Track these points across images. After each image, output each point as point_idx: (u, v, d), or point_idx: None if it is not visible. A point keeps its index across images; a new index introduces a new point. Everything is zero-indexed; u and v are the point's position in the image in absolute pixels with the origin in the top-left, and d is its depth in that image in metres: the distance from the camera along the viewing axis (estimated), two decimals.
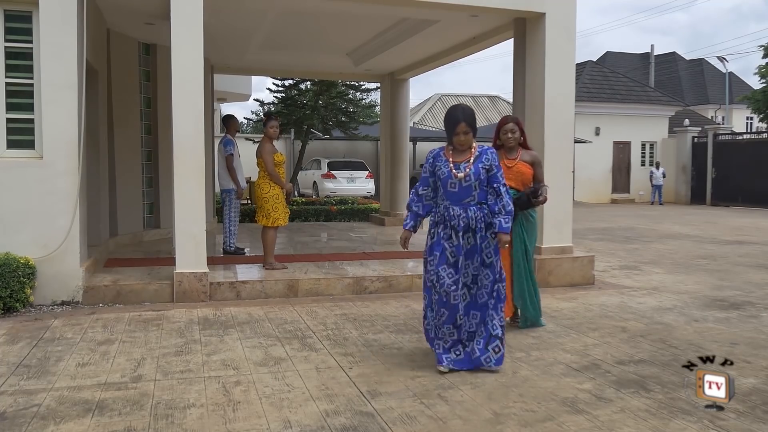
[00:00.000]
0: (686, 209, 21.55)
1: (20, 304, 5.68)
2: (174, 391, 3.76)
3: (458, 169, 4.13)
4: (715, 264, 9.00)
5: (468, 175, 4.11)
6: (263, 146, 7.13)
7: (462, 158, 4.16)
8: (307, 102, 19.30)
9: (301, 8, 7.94)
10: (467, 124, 4.14)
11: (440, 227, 4.19)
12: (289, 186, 7.26)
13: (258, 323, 5.43)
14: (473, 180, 4.12)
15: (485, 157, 4.17)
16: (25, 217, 5.97)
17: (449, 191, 4.16)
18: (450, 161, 4.17)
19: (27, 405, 3.53)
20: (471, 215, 4.13)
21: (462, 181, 4.11)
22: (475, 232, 4.15)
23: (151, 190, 9.83)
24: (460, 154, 4.19)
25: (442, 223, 4.19)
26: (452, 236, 4.14)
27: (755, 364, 4.37)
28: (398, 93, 13.06)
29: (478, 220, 4.15)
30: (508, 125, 5.22)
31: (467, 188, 4.13)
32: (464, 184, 4.12)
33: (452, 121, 4.17)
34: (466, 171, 4.11)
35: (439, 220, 4.20)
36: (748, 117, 37.95)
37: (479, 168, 4.13)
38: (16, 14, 6.12)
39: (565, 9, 7.35)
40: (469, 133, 4.15)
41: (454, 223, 4.13)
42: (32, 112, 6.14)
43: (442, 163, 4.19)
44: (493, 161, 4.18)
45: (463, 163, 4.14)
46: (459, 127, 4.13)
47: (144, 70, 9.70)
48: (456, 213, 4.14)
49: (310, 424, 3.30)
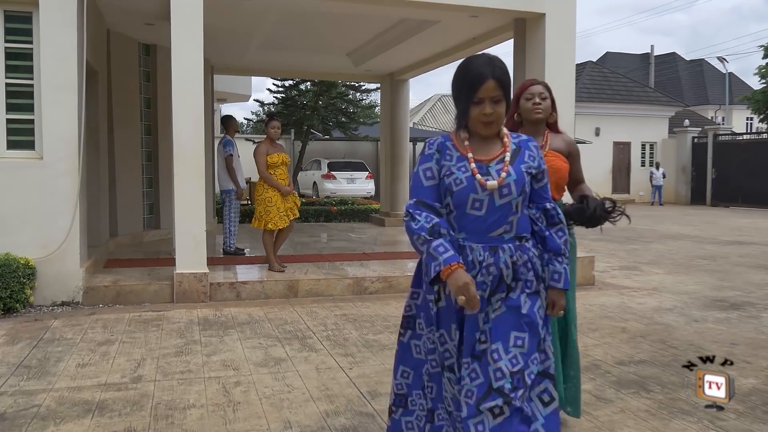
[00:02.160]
0: (686, 209, 21.55)
1: (20, 305, 5.68)
2: (174, 392, 3.76)
3: (486, 173, 2.25)
4: (715, 264, 9.00)
5: (506, 183, 2.23)
6: (257, 147, 7.11)
7: (491, 154, 2.29)
8: (307, 102, 19.32)
9: (301, 8, 7.94)
10: (499, 84, 2.22)
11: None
12: (286, 189, 6.99)
13: (258, 324, 5.43)
14: (515, 194, 2.24)
15: (528, 152, 2.34)
16: (26, 218, 5.97)
17: (469, 214, 2.26)
18: (470, 158, 2.27)
19: (27, 405, 3.53)
20: (505, 260, 2.25)
21: (496, 195, 2.23)
22: (513, 290, 2.26)
23: (151, 190, 9.83)
24: (486, 146, 2.31)
25: None
26: None
27: (755, 364, 4.37)
28: (398, 93, 13.07)
29: (521, 267, 2.27)
30: (535, 87, 3.17)
31: (503, 209, 2.25)
32: (499, 201, 2.23)
33: (472, 78, 2.22)
34: (502, 176, 2.23)
35: None
36: (748, 117, 37.95)
37: (522, 172, 2.28)
38: (16, 15, 6.13)
39: (565, 9, 7.36)
40: (502, 103, 2.24)
41: (473, 275, 2.22)
42: (32, 112, 6.15)
43: (453, 160, 2.29)
44: (541, 160, 2.37)
45: (495, 162, 2.28)
46: (486, 88, 2.20)
47: (144, 71, 9.71)
48: (477, 257, 2.24)
49: (311, 425, 3.30)
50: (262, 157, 6.95)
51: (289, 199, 7.06)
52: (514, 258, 2.26)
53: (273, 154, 6.99)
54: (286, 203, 7.02)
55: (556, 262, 2.35)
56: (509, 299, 2.24)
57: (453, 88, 2.32)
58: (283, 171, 7.07)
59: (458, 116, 2.34)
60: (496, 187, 2.23)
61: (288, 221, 7.02)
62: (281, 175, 7.02)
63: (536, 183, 2.36)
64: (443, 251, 2.15)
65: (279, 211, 6.93)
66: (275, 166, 6.98)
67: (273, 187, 6.93)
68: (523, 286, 2.26)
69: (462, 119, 2.32)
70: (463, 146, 2.31)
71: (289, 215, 7.04)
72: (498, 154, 2.30)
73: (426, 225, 2.20)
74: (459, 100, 2.30)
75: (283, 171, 7.07)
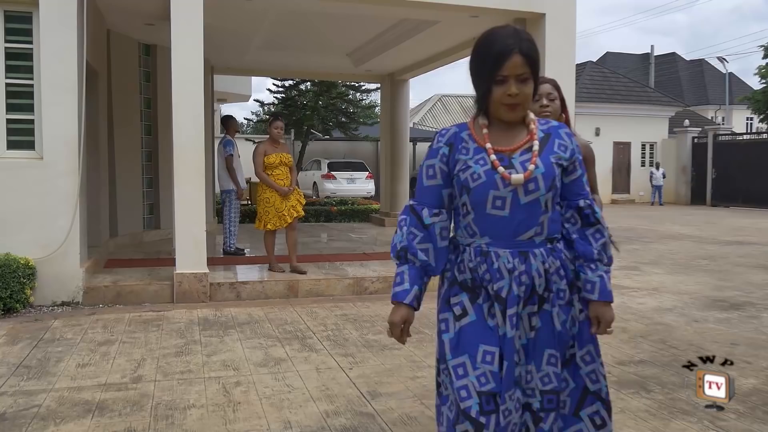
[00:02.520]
0: (686, 210, 21.54)
1: (20, 305, 5.68)
2: (174, 392, 3.76)
3: (509, 165, 1.93)
4: (715, 264, 9.00)
5: (533, 178, 1.92)
6: (256, 147, 7.08)
7: (514, 144, 1.97)
8: (307, 103, 19.35)
9: (301, 8, 7.94)
10: (527, 59, 1.90)
11: (466, 294, 1.99)
12: (283, 189, 6.86)
13: (258, 324, 5.43)
14: (543, 189, 1.93)
15: (559, 141, 2.01)
16: (26, 218, 5.97)
17: (490, 215, 1.94)
18: (489, 149, 1.95)
19: (27, 406, 3.53)
20: (538, 267, 1.95)
21: (520, 191, 1.91)
22: (546, 301, 1.98)
23: (151, 190, 9.84)
24: (509, 135, 1.98)
25: (471, 285, 1.98)
26: (496, 315, 1.94)
27: (755, 364, 4.37)
28: (398, 93, 13.07)
29: (554, 275, 1.98)
30: (542, 86, 2.74)
31: (530, 208, 1.93)
32: (525, 198, 1.92)
33: (496, 52, 1.89)
34: (530, 169, 1.92)
35: (465, 280, 1.99)
36: (748, 117, 37.95)
37: (551, 163, 1.96)
38: (16, 15, 6.13)
39: (565, 9, 7.36)
40: (529, 82, 1.92)
41: (501, 286, 1.93)
42: (32, 112, 6.15)
43: (469, 153, 1.97)
44: (575, 149, 2.03)
45: (520, 152, 1.96)
46: (511, 64, 1.87)
47: (144, 71, 9.72)
48: (505, 264, 1.93)
49: (311, 425, 3.29)
50: (259, 157, 6.92)
51: (291, 198, 6.94)
52: (547, 265, 1.96)
53: (271, 155, 6.92)
54: (288, 203, 6.92)
55: (588, 269, 2.01)
56: (543, 313, 1.97)
57: (471, 65, 1.97)
58: (282, 171, 6.96)
59: (477, 99, 1.99)
60: (522, 181, 1.90)
61: (289, 221, 6.92)
62: (280, 176, 6.92)
63: (568, 176, 2.01)
64: (399, 282, 2.01)
65: (278, 211, 6.87)
66: (273, 166, 6.90)
67: (270, 188, 6.88)
68: (554, 297, 1.97)
69: (482, 103, 1.98)
70: (481, 135, 1.97)
71: (292, 214, 6.92)
72: (523, 143, 1.97)
73: (398, 244, 2.02)
74: (479, 80, 1.95)
75: (282, 171, 6.96)
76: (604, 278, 2.01)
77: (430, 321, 5.44)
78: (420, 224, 2.00)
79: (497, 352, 1.91)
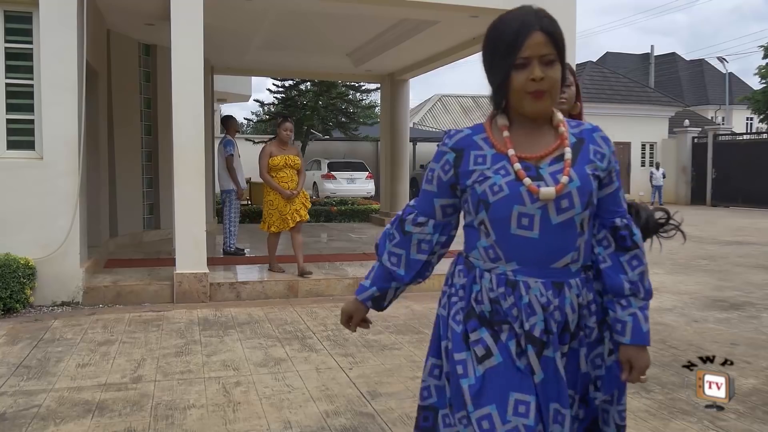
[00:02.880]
0: (686, 210, 21.55)
1: (20, 305, 5.68)
2: (174, 392, 3.76)
3: (537, 176, 1.60)
4: (715, 264, 9.00)
5: (566, 193, 1.59)
6: (263, 147, 7.01)
7: (542, 149, 1.64)
8: (307, 103, 19.35)
9: (301, 8, 7.94)
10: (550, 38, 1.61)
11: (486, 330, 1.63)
12: (286, 192, 6.71)
13: (258, 324, 5.43)
14: (579, 207, 1.60)
15: (594, 147, 1.67)
16: (25, 218, 5.97)
17: (516, 236, 1.60)
18: (511, 156, 1.62)
19: (27, 406, 3.53)
20: (572, 302, 1.63)
21: (551, 209, 1.59)
22: (574, 338, 1.66)
23: (151, 190, 9.83)
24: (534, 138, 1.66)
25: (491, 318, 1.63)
26: (525, 354, 1.61)
27: (755, 364, 4.37)
28: (398, 93, 13.07)
29: (585, 309, 1.67)
30: None
31: (564, 228, 1.60)
32: (557, 217, 1.59)
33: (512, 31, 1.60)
34: (562, 182, 1.59)
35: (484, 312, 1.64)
36: (748, 117, 37.97)
37: (587, 175, 1.62)
38: (16, 15, 6.13)
39: (565, 9, 7.36)
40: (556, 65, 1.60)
41: (533, 323, 1.60)
42: (32, 112, 6.15)
43: (486, 162, 1.64)
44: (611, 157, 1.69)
45: (548, 161, 1.63)
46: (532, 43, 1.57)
47: (144, 71, 9.71)
48: (538, 297, 1.60)
49: (311, 425, 3.30)
50: (264, 158, 6.82)
51: (295, 201, 6.80)
52: (581, 299, 1.63)
53: (277, 156, 6.78)
54: (292, 206, 6.77)
55: (618, 306, 1.65)
56: (570, 352, 1.65)
57: (485, 53, 1.65)
58: (287, 174, 6.80)
59: (494, 95, 1.65)
60: (553, 196, 1.55)
61: (293, 224, 6.80)
62: (284, 178, 6.78)
63: (603, 189, 1.66)
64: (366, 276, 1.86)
65: (281, 214, 6.76)
66: (278, 168, 6.77)
67: (274, 190, 6.79)
68: (583, 336, 1.66)
69: (499, 97, 1.64)
70: (501, 139, 1.63)
71: (295, 218, 6.79)
72: (552, 150, 1.62)
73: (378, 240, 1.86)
74: (494, 69, 1.62)
75: (287, 174, 6.80)
76: (638, 317, 1.64)
77: (429, 321, 5.44)
78: (400, 228, 1.79)
79: (533, 402, 1.56)
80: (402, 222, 1.79)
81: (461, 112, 34.94)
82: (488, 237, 1.63)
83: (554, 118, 1.68)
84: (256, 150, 7.18)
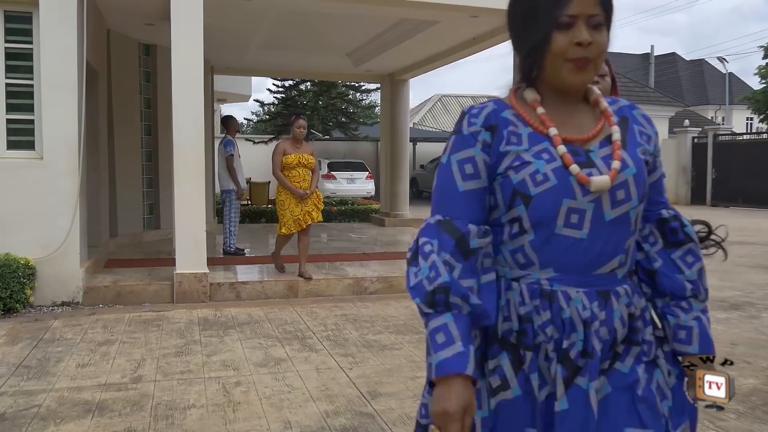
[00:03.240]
0: (686, 210, 21.45)
1: (20, 305, 5.68)
2: (174, 392, 3.76)
3: (587, 162, 1.31)
4: (715, 264, 8.97)
5: (622, 181, 1.30)
6: (276, 145, 6.85)
7: (586, 130, 1.35)
8: (307, 103, 19.34)
9: (301, 8, 7.94)
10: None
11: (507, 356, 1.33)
12: (299, 192, 6.52)
13: (258, 324, 5.43)
14: (635, 198, 1.32)
15: (638, 126, 1.41)
16: (25, 218, 5.97)
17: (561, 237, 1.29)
18: (554, 137, 1.31)
19: (27, 406, 3.53)
20: (621, 314, 1.33)
21: (605, 201, 1.29)
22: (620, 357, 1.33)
23: (151, 190, 9.84)
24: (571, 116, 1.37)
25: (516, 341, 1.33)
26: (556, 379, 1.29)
27: (755, 364, 4.37)
28: (398, 93, 13.07)
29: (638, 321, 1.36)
30: None
31: (618, 226, 1.31)
32: (611, 212, 1.30)
33: None
34: (615, 168, 1.30)
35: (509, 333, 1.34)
36: (748, 117, 37.98)
37: (639, 158, 1.35)
38: (16, 15, 6.13)
39: None
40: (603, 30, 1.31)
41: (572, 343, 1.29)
42: (32, 112, 6.15)
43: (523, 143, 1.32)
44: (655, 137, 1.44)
45: (597, 143, 1.35)
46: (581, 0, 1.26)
47: (144, 71, 9.71)
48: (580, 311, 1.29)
49: (311, 425, 3.30)
50: (277, 156, 6.63)
51: (307, 202, 6.62)
52: (633, 308, 1.34)
53: (290, 155, 6.59)
54: (304, 207, 6.61)
55: (680, 310, 1.41)
56: (614, 373, 1.31)
57: (515, 10, 1.37)
58: (299, 173, 6.61)
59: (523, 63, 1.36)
60: (608, 186, 1.27)
61: (303, 225, 6.64)
62: (296, 177, 6.59)
63: (648, 177, 1.39)
64: (443, 343, 1.22)
65: (293, 214, 6.59)
66: (291, 167, 6.57)
67: (286, 189, 6.62)
68: (640, 353, 1.33)
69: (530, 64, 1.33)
70: (535, 116, 1.33)
71: (307, 220, 6.63)
72: (598, 130, 1.34)
73: (426, 284, 1.25)
74: (527, 29, 1.32)
75: (299, 173, 6.61)
76: (702, 321, 1.41)
77: None
78: (460, 250, 1.27)
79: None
80: (462, 241, 1.28)
81: None
82: (520, 237, 1.32)
83: (591, 94, 1.40)
84: (256, 150, 7.20)
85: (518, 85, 1.40)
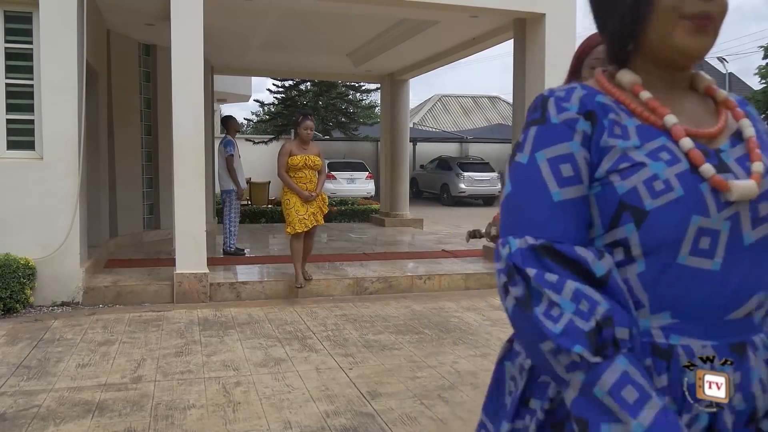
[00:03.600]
0: None
1: (20, 305, 5.68)
2: (174, 392, 3.76)
3: (720, 165, 0.96)
4: None
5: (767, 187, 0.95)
6: (282, 146, 6.74)
7: (707, 122, 1.01)
8: (307, 103, 19.35)
9: (301, 8, 7.95)
10: None
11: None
12: (304, 194, 6.37)
13: (258, 324, 5.43)
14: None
15: (758, 122, 1.05)
16: (25, 218, 5.97)
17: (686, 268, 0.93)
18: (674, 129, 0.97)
19: (27, 406, 3.53)
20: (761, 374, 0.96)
21: (745, 218, 0.94)
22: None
23: (151, 190, 9.84)
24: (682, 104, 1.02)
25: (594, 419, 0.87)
26: None
27: None
28: (398, 93, 13.07)
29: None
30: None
31: (758, 251, 0.95)
32: (752, 233, 0.95)
33: None
34: (757, 172, 0.95)
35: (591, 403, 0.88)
36: None
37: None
38: (16, 15, 6.13)
39: (565, 9, 7.37)
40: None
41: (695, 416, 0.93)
42: (32, 113, 6.15)
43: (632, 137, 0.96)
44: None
45: (727, 140, 1.01)
46: None
47: (144, 71, 9.71)
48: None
49: (311, 425, 3.30)
50: (283, 157, 6.51)
51: (313, 203, 6.47)
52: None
53: (296, 156, 6.48)
54: (309, 209, 6.44)
55: None
56: None
57: None
58: (306, 174, 6.47)
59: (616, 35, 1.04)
60: (756, 192, 0.95)
61: (309, 226, 6.44)
62: (303, 179, 6.46)
63: None
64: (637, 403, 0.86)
65: (298, 214, 6.39)
66: (297, 168, 6.43)
67: (291, 190, 6.49)
68: None
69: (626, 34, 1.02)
70: (641, 103, 1.01)
71: (312, 220, 6.46)
72: (724, 124, 1.03)
73: (579, 322, 0.88)
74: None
75: (306, 174, 6.47)
76: None
77: (430, 321, 5.45)
78: (585, 279, 0.92)
79: None
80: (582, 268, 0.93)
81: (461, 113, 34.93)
82: (623, 270, 0.96)
83: (700, 80, 1.07)
84: (256, 150, 7.20)
85: (602, 70, 1.07)
